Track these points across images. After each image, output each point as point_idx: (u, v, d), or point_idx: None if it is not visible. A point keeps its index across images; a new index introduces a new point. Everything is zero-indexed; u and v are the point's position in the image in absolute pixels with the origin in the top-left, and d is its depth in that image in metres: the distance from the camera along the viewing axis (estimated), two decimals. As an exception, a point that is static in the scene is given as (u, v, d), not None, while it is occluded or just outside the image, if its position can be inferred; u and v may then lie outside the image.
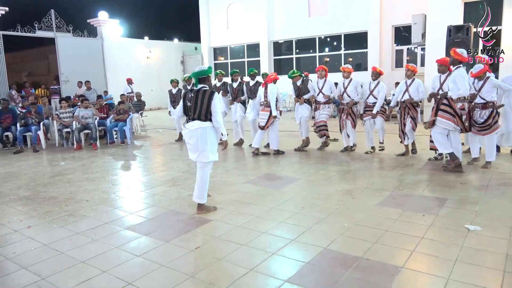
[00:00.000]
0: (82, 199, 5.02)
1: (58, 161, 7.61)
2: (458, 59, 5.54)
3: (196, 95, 4.18)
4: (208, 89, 4.23)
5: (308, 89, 7.50)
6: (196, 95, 4.19)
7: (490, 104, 5.69)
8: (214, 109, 4.15)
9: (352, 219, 4.00)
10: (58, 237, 3.81)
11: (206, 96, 4.14)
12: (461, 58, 5.53)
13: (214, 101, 4.14)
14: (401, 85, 6.70)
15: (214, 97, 4.16)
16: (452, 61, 5.62)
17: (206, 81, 4.28)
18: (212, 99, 4.14)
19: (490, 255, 3.16)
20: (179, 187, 5.43)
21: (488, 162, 5.88)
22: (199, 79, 4.26)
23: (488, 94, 5.70)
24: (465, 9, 10.89)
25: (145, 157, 7.99)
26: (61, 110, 9.27)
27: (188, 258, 3.29)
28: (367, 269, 2.97)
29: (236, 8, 18.23)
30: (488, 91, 5.69)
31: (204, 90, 4.19)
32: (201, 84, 4.26)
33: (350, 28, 15.09)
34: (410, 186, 5.12)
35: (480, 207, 4.23)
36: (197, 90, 4.22)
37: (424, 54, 11.96)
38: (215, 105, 4.15)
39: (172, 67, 19.88)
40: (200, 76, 4.24)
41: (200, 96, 4.16)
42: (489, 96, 5.70)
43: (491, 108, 5.69)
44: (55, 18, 14.59)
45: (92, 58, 16.05)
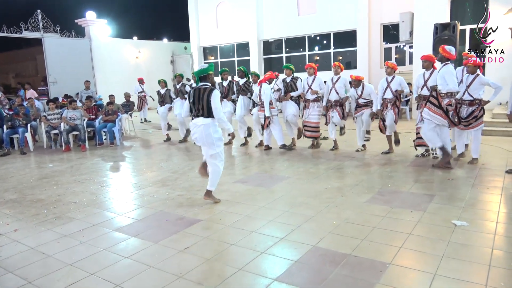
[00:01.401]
0: (70, 201, 4.97)
1: (46, 163, 7.52)
2: (446, 56, 5.62)
3: (198, 93, 4.33)
4: (208, 86, 4.35)
5: (297, 87, 7.50)
6: (197, 93, 4.33)
7: (477, 102, 5.77)
8: (213, 105, 4.29)
9: (341, 216, 4.02)
10: (45, 240, 3.77)
11: (205, 93, 4.29)
12: (449, 55, 5.62)
13: (213, 98, 4.27)
14: (382, 82, 6.72)
15: (213, 94, 4.27)
16: (440, 58, 5.70)
17: (207, 78, 4.41)
18: (211, 96, 4.26)
19: (476, 250, 3.20)
20: (168, 188, 5.41)
21: (474, 158, 5.96)
22: (200, 77, 4.40)
23: (476, 91, 5.78)
24: (452, 7, 11.01)
25: (134, 158, 7.93)
26: (48, 112, 9.17)
27: (177, 258, 3.28)
28: (355, 266, 2.99)
29: (225, 7, 18.19)
30: (476, 88, 5.77)
31: (204, 88, 4.33)
32: (202, 82, 4.40)
33: (339, 27, 15.15)
34: (398, 183, 5.17)
35: (467, 203, 4.29)
36: (198, 88, 4.36)
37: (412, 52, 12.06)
38: (214, 101, 4.28)
39: (161, 67, 19.75)
40: (201, 75, 4.39)
41: (201, 94, 4.31)
42: (477, 94, 5.78)
43: (477, 105, 5.77)
44: (42, 18, 14.40)
45: (80, 58, 15.87)
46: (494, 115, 8.78)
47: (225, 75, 8.39)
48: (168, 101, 9.30)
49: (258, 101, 7.42)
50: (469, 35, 11.01)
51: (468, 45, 10.96)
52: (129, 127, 11.35)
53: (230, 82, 8.41)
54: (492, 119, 8.66)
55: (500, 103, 9.72)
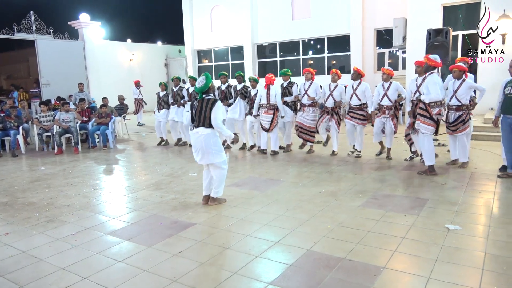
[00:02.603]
0: (63, 205, 4.92)
1: (38, 166, 7.45)
2: (432, 65, 5.67)
3: (201, 104, 4.48)
4: (211, 97, 4.51)
5: (292, 92, 7.53)
6: (200, 104, 4.49)
7: (464, 107, 5.83)
8: (213, 115, 4.41)
9: (335, 220, 4.03)
10: (37, 244, 3.73)
11: (209, 104, 4.43)
12: (434, 63, 5.67)
13: (214, 109, 4.41)
14: (379, 88, 6.75)
15: (216, 105, 4.42)
16: (426, 68, 5.74)
17: (209, 91, 4.56)
18: (214, 106, 4.41)
19: (469, 253, 3.23)
20: (162, 191, 5.38)
21: (464, 162, 6.02)
22: (202, 93, 4.56)
23: (463, 96, 5.83)
24: (444, 13, 11.15)
25: (128, 161, 7.89)
26: (41, 114, 9.09)
27: (171, 262, 3.26)
28: (350, 270, 3.00)
29: (220, 11, 18.22)
30: (464, 93, 5.82)
31: (207, 99, 4.48)
32: (205, 94, 4.54)
33: (333, 31, 15.24)
34: (392, 187, 5.20)
35: (460, 206, 4.32)
36: (201, 99, 4.51)
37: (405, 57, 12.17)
38: (215, 111, 4.42)
39: (155, 70, 19.71)
40: (203, 91, 4.53)
41: (204, 105, 4.45)
42: (464, 99, 5.83)
43: (464, 110, 5.83)
44: (35, 20, 14.30)
45: (73, 60, 15.77)
46: (486, 120, 8.87)
47: (224, 78, 8.38)
48: (165, 105, 9.24)
49: (266, 103, 7.47)
50: (462, 40, 11.15)
51: (460, 51, 11.10)
52: (122, 130, 11.29)
53: (229, 86, 8.40)
54: (484, 124, 8.75)
55: (491, 108, 9.83)
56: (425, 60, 5.74)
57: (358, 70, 6.99)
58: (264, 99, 7.48)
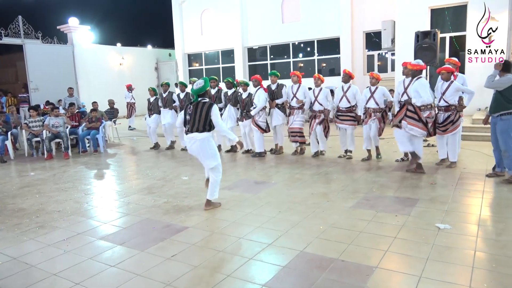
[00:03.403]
0: (54, 210, 4.88)
1: (27, 172, 7.37)
2: (417, 69, 5.75)
3: (196, 108, 4.40)
4: (207, 101, 4.44)
5: (282, 94, 7.57)
6: (195, 107, 4.41)
7: (452, 108, 5.92)
8: (214, 119, 4.38)
9: (327, 221, 4.06)
10: (28, 250, 3.69)
11: (204, 108, 4.36)
12: (419, 67, 5.77)
13: (213, 113, 4.36)
14: (366, 92, 6.84)
15: (213, 109, 4.37)
16: (413, 73, 5.82)
17: (205, 94, 4.51)
18: (211, 110, 4.35)
19: (459, 252, 3.27)
20: (154, 195, 5.36)
21: (452, 162, 6.10)
22: (199, 95, 4.49)
23: (451, 97, 5.93)
24: (432, 15, 11.31)
25: (119, 165, 7.84)
26: (30, 119, 9.00)
27: (164, 266, 3.25)
28: (342, 270, 3.02)
29: (210, 14, 18.23)
30: (452, 94, 5.92)
31: (203, 103, 4.42)
32: (200, 97, 4.48)
33: (323, 34, 15.35)
34: (383, 187, 5.24)
35: (450, 206, 4.38)
36: (197, 102, 4.43)
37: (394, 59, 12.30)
38: (215, 115, 4.37)
39: (146, 74, 19.64)
40: (200, 93, 4.47)
41: (199, 108, 4.38)
42: (452, 100, 5.93)
43: (453, 111, 5.92)
44: (23, 24, 14.17)
45: (62, 65, 15.64)
46: (474, 121, 9.00)
47: (214, 83, 8.38)
48: (156, 110, 9.24)
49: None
50: (449, 42, 11.31)
51: (448, 53, 11.26)
52: (113, 134, 11.21)
53: (218, 90, 8.41)
54: (472, 124, 8.88)
55: (479, 109, 9.99)
56: (409, 67, 5.85)
57: (349, 73, 7.07)
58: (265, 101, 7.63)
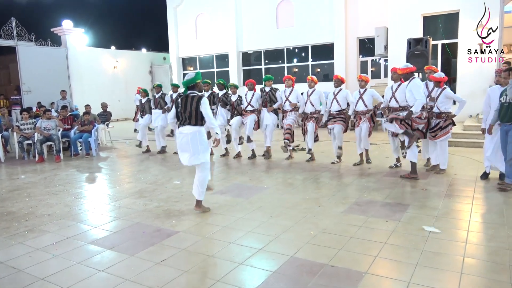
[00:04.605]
0: (43, 214, 4.83)
1: (18, 175, 7.30)
2: (407, 72, 5.79)
3: (185, 101, 4.37)
4: (196, 94, 4.41)
5: (276, 98, 7.61)
6: (184, 101, 4.38)
7: (443, 115, 5.97)
8: (204, 112, 4.33)
9: (318, 226, 4.06)
10: (16, 254, 3.65)
11: (194, 101, 4.34)
12: (408, 69, 5.81)
13: (202, 105, 4.32)
14: (355, 95, 6.92)
15: (202, 102, 4.33)
16: (404, 77, 5.87)
17: (195, 87, 4.47)
18: (200, 103, 4.32)
19: (448, 258, 3.29)
20: (146, 199, 5.34)
21: (441, 169, 6.15)
22: (189, 87, 4.46)
23: (442, 105, 5.97)
24: (424, 22, 11.44)
25: (111, 169, 7.80)
26: (22, 122, 8.93)
27: (154, 271, 3.23)
28: (332, 276, 3.03)
29: (205, 19, 18.28)
30: (443, 102, 5.96)
31: (192, 96, 4.39)
32: (190, 90, 4.45)
33: (317, 40, 15.45)
34: (374, 193, 5.27)
35: (440, 212, 4.41)
36: (186, 96, 4.40)
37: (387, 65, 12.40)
38: (205, 108, 4.33)
39: (140, 77, 19.60)
40: (190, 85, 4.45)
41: (189, 102, 4.35)
42: (443, 107, 5.97)
43: (443, 118, 5.97)
44: (16, 26, 14.10)
45: (56, 67, 15.57)
46: (465, 127, 9.09)
47: (206, 86, 8.42)
48: (148, 110, 9.26)
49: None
50: (441, 49, 11.44)
51: (440, 60, 11.38)
52: (105, 137, 11.16)
53: (211, 93, 8.45)
54: (463, 130, 8.97)
55: (470, 116, 10.09)
56: (399, 72, 5.91)
57: (341, 78, 7.15)
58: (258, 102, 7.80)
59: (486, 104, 5.61)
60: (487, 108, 5.58)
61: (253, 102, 7.74)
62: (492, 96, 5.46)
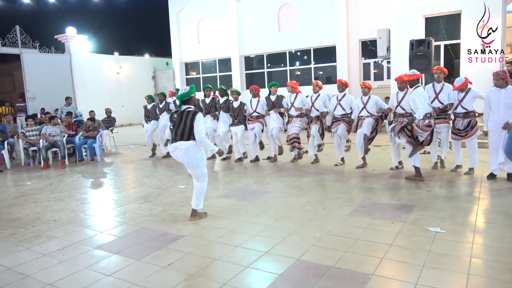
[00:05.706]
0: (50, 220, 4.86)
1: (23, 181, 7.34)
2: (414, 79, 5.78)
3: (181, 116, 4.37)
4: (192, 109, 4.41)
5: (283, 105, 7.63)
6: (180, 116, 4.38)
7: (471, 114, 6.01)
8: (196, 128, 4.31)
9: (324, 229, 4.06)
10: (23, 260, 3.67)
11: (189, 116, 4.33)
12: (415, 76, 5.81)
13: (196, 121, 4.31)
14: (358, 102, 6.92)
15: (197, 117, 4.32)
16: (410, 83, 5.88)
17: (190, 101, 4.47)
18: (195, 119, 4.31)
19: (455, 259, 3.28)
20: (151, 204, 5.36)
21: (470, 168, 6.12)
22: (183, 101, 4.45)
23: (469, 104, 6.02)
24: (426, 24, 11.42)
25: (115, 174, 7.83)
26: (27, 128, 8.99)
27: (161, 275, 3.24)
28: (338, 278, 3.02)
29: (207, 23, 18.37)
30: (469, 101, 6.01)
31: (188, 111, 4.38)
32: (185, 105, 4.45)
33: (319, 43, 15.48)
34: (379, 195, 5.26)
35: (446, 213, 4.39)
36: (182, 111, 4.40)
37: (390, 67, 12.40)
38: (197, 124, 4.31)
39: (143, 83, 19.70)
40: (184, 99, 4.44)
41: (184, 117, 4.34)
42: (470, 106, 6.02)
43: (472, 117, 6.01)
44: (20, 34, 14.24)
45: (60, 74, 15.71)
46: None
47: (208, 91, 8.44)
48: (153, 117, 9.28)
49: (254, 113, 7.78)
50: (444, 50, 11.42)
51: (443, 60, 11.35)
52: (110, 143, 11.21)
53: (213, 98, 8.46)
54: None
55: (477, 115, 10.04)
56: (405, 78, 5.92)
57: (345, 82, 7.14)
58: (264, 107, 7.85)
59: (487, 106, 5.70)
60: (488, 110, 5.68)
61: (258, 109, 7.78)
62: (492, 98, 5.58)
